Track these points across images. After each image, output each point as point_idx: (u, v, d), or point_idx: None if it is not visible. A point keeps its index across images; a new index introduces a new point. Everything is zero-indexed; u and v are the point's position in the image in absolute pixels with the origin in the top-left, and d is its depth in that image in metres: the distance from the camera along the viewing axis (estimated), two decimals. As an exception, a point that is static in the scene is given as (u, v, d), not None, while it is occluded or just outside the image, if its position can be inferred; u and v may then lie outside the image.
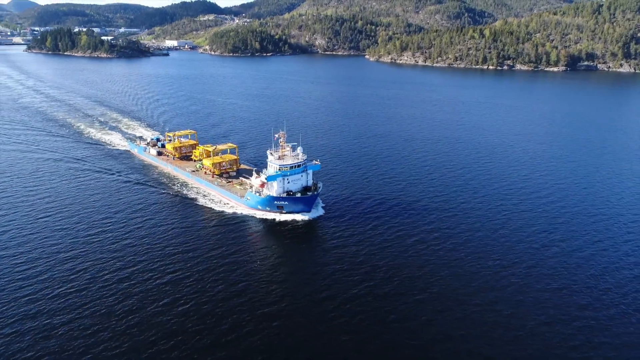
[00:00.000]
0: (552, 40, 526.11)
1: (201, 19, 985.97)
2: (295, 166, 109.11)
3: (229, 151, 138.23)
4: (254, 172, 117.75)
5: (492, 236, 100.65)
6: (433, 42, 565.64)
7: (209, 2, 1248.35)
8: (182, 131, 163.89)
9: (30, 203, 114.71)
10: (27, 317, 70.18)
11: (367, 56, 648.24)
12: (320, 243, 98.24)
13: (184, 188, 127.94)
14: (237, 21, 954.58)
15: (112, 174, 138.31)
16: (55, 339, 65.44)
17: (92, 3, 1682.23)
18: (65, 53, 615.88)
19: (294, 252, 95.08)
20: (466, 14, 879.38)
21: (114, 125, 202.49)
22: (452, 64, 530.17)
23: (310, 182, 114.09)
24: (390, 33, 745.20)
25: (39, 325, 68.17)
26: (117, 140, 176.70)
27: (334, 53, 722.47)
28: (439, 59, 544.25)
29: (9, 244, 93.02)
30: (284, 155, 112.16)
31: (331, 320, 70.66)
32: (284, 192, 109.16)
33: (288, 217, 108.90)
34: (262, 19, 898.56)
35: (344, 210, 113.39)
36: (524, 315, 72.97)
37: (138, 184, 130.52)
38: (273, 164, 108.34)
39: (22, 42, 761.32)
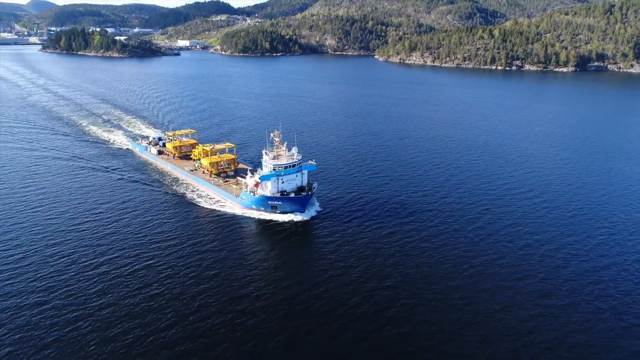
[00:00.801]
0: (562, 41, 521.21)
1: (213, 19, 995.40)
2: (289, 166, 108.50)
3: (227, 150, 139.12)
4: (248, 172, 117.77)
5: (496, 237, 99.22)
6: (442, 43, 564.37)
7: (222, 2, 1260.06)
8: (182, 130, 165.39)
9: (23, 195, 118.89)
10: (7, 295, 73.79)
11: (376, 56, 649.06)
12: (313, 243, 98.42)
13: (182, 187, 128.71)
14: (249, 21, 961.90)
15: (111, 172, 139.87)
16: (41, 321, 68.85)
17: (108, 3, 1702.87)
18: (79, 53, 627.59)
19: (285, 252, 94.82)
20: (478, 15, 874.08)
21: (118, 124, 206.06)
22: (460, 65, 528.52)
23: (305, 182, 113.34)
24: (401, 33, 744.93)
25: (12, 305, 71.68)
26: (120, 139, 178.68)
27: (344, 53, 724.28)
28: (447, 59, 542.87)
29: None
30: (279, 155, 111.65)
31: (320, 317, 71.07)
32: (278, 192, 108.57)
33: (282, 217, 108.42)
34: (273, 19, 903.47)
35: (339, 210, 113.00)
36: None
37: (136, 182, 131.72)
38: (268, 164, 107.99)
39: (38, 42, 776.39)
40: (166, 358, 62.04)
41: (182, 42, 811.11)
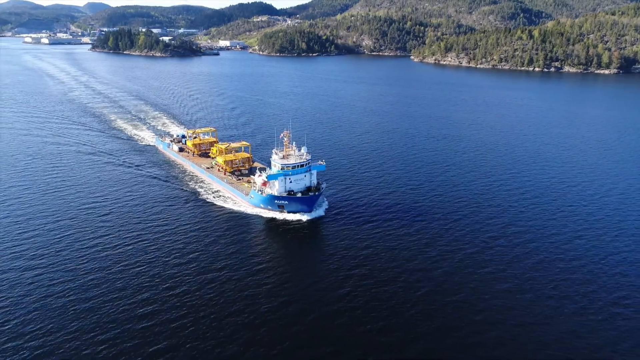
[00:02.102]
0: (607, 42, 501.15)
1: (254, 20, 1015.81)
2: (297, 166, 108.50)
3: (242, 149, 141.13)
4: (257, 170, 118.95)
5: (511, 243, 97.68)
6: (479, 43, 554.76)
7: (265, 3, 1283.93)
8: (202, 129, 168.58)
9: (43, 182, 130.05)
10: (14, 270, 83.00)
11: (412, 57, 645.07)
12: (318, 243, 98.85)
13: (198, 184, 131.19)
14: (289, 22, 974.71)
15: (133, 167, 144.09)
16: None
17: (158, 5, 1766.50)
18: (125, 52, 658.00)
19: (289, 252, 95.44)
20: (521, 15, 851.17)
21: (146, 120, 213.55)
22: (496, 66, 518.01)
23: (314, 183, 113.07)
24: (439, 34, 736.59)
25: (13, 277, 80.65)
26: (146, 136, 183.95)
27: (380, 54, 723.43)
28: (483, 60, 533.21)
29: (11, 214, 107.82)
30: (289, 154, 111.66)
31: (322, 319, 71.40)
32: (285, 192, 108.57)
33: (289, 216, 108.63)
34: (312, 20, 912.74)
35: (348, 211, 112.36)
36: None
37: (154, 178, 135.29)
38: (276, 163, 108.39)
39: (89, 42, 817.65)
40: (166, 351, 64.19)
41: (223, 43, 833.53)
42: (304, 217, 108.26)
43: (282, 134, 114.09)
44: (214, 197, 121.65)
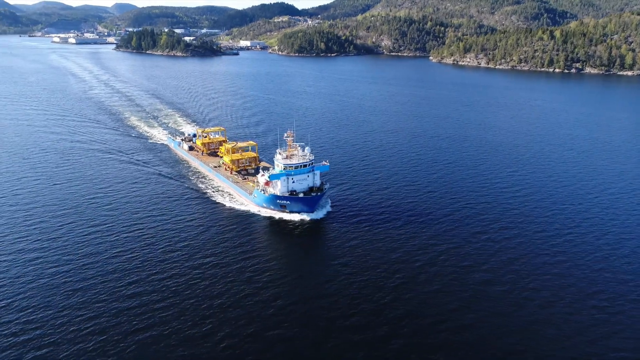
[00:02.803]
0: (631, 43, 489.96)
1: (275, 20, 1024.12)
2: (300, 166, 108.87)
3: (250, 149, 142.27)
4: (261, 170, 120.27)
5: (513, 243, 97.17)
6: (498, 44, 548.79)
7: (287, 4, 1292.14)
8: (212, 128, 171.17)
9: (54, 174, 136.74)
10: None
11: (430, 57, 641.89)
12: (318, 244, 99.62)
13: (205, 183, 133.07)
14: (310, 22, 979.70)
15: (142, 165, 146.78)
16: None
17: (182, 5, 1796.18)
18: (147, 52, 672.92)
19: (288, 251, 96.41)
20: (545, 15, 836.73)
21: (160, 119, 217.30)
22: (515, 67, 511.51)
23: (317, 183, 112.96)
24: (460, 34, 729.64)
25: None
26: (159, 134, 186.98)
27: (399, 54, 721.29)
28: (502, 61, 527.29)
29: (19, 202, 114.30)
30: (292, 154, 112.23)
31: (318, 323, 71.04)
32: (287, 192, 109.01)
33: (291, 216, 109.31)
34: (332, 20, 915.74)
35: (351, 212, 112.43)
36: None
37: (163, 176, 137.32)
38: (279, 163, 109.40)
39: (114, 42, 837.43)
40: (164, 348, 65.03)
41: (244, 43, 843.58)
42: (306, 217, 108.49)
43: (285, 134, 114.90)
44: (219, 195, 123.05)
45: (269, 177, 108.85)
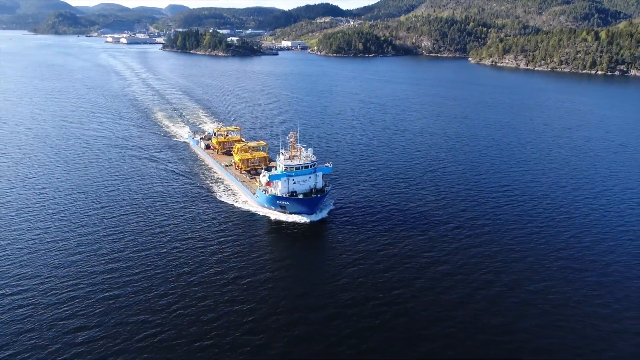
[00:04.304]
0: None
1: (317, 21, 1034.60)
2: (301, 167, 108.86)
3: (261, 148, 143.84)
4: (263, 170, 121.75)
5: (521, 248, 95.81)
6: (539, 45, 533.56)
7: (331, 5, 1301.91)
8: (227, 127, 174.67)
9: (73, 163, 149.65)
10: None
11: (469, 59, 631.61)
12: (318, 245, 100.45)
13: (216, 181, 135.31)
14: (352, 23, 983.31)
15: (159, 162, 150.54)
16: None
17: (231, 7, 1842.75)
18: (191, 51, 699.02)
19: (286, 251, 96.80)
20: (596, 15, 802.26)
21: (186, 117, 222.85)
22: (555, 68, 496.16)
23: (319, 185, 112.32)
24: (502, 35, 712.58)
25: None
26: (182, 132, 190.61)
27: (439, 55, 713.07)
28: (542, 62, 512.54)
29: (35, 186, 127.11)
30: (295, 155, 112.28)
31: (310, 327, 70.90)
32: (288, 193, 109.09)
33: (291, 217, 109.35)
34: (374, 21, 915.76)
35: (354, 214, 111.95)
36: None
37: (176, 173, 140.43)
38: (281, 164, 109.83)
39: (163, 42, 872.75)
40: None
41: (285, 43, 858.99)
42: (306, 219, 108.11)
43: (289, 135, 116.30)
44: (225, 194, 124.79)
45: (269, 178, 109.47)
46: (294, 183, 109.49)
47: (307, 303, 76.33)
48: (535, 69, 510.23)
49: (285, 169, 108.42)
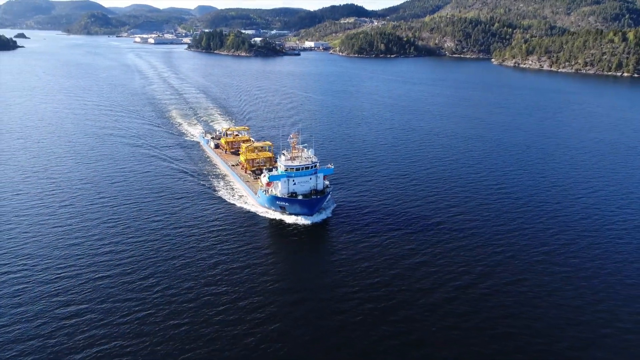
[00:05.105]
0: None
1: (342, 21, 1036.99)
2: (301, 168, 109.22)
3: (267, 149, 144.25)
4: (264, 170, 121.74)
5: (521, 254, 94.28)
6: (564, 46, 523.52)
7: (356, 5, 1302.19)
8: (237, 127, 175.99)
9: (83, 157, 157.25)
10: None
11: (492, 60, 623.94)
12: (318, 246, 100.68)
13: (221, 181, 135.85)
14: (375, 24, 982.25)
15: (169, 161, 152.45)
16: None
17: (258, 7, 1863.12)
18: (215, 52, 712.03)
19: (284, 251, 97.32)
20: (627, 16, 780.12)
21: (201, 116, 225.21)
22: (580, 70, 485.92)
23: (321, 186, 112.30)
24: (528, 36, 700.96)
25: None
26: (194, 131, 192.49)
27: (462, 56, 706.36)
28: (566, 64, 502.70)
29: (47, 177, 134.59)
30: (296, 156, 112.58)
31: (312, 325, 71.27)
32: (288, 193, 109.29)
33: (293, 218, 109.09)
34: (398, 22, 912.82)
35: (355, 215, 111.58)
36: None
37: (184, 172, 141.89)
38: (281, 164, 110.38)
39: (189, 42, 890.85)
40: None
41: (308, 44, 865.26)
42: (306, 220, 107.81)
43: (290, 136, 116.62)
44: (229, 193, 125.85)
45: (269, 178, 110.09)
46: (294, 184, 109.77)
47: (302, 299, 78.41)
48: (559, 70, 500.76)
49: (286, 170, 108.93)
